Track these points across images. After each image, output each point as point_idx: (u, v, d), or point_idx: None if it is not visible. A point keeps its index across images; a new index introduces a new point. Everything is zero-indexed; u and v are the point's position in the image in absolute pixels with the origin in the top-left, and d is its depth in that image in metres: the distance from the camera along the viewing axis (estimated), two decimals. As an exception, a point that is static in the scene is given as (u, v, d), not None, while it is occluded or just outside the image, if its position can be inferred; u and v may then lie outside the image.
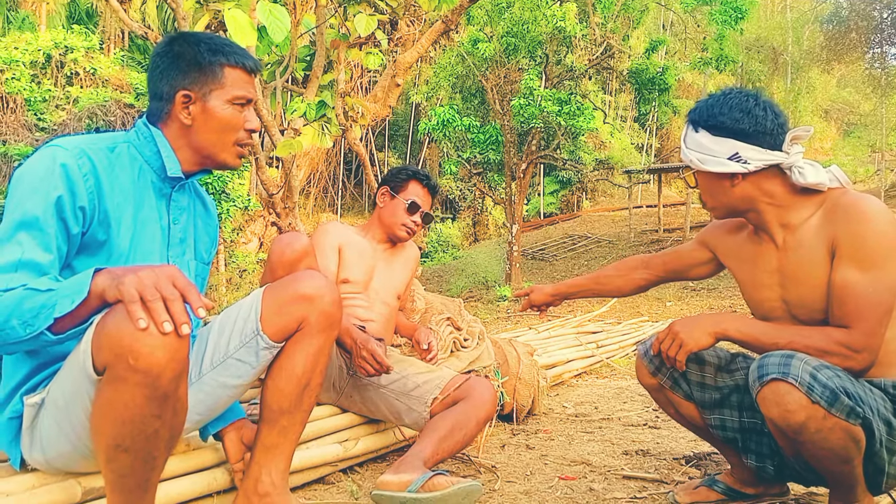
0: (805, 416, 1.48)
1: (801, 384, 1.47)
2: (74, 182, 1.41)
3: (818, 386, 1.47)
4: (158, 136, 1.59)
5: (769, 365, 1.53)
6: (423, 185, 2.61)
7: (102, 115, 12.51)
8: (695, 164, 1.72)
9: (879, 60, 17.22)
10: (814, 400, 1.47)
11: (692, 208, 17.09)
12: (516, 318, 9.47)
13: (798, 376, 1.48)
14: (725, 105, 1.69)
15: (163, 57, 1.58)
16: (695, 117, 1.73)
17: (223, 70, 1.58)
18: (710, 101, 1.74)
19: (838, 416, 1.48)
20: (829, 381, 1.48)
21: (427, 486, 1.84)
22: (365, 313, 2.48)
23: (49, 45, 12.85)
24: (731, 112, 1.67)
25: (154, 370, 1.17)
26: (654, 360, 1.90)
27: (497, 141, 13.38)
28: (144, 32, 3.53)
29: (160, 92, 1.59)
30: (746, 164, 1.66)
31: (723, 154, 1.67)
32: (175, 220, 1.64)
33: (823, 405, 1.47)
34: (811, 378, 1.48)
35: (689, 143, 1.73)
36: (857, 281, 1.57)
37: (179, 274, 1.19)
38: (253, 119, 1.63)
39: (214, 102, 1.57)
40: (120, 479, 1.29)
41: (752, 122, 1.66)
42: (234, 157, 1.64)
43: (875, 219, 1.57)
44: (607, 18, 13.22)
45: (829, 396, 1.47)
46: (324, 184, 22.97)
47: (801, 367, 1.49)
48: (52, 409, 1.38)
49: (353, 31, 3.34)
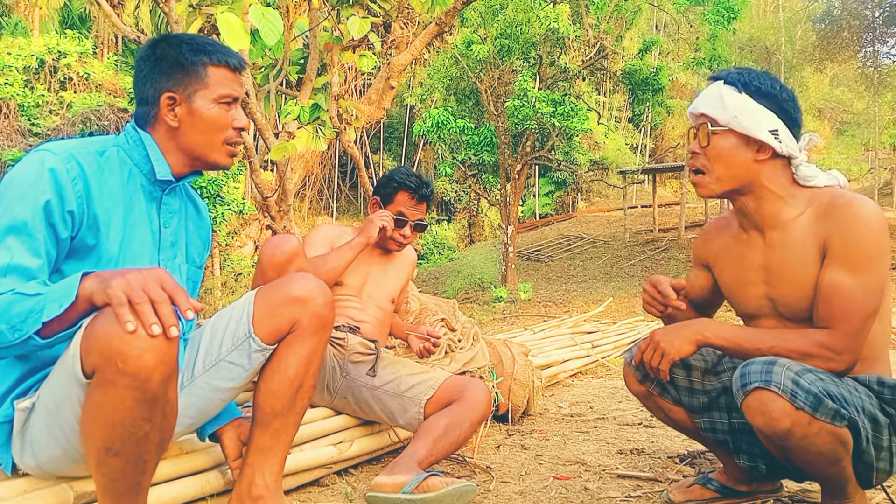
0: (790, 423, 1.47)
1: (783, 391, 1.46)
2: (63, 186, 1.40)
3: (801, 392, 1.47)
4: (147, 139, 1.58)
5: (751, 373, 1.52)
6: (411, 195, 2.54)
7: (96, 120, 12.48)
8: (735, 122, 1.63)
9: (872, 59, 17.29)
10: (798, 406, 1.46)
11: (687, 208, 17.13)
12: (512, 318, 9.48)
13: (780, 383, 1.47)
14: (777, 82, 1.66)
15: (146, 60, 1.58)
16: (744, 80, 1.66)
17: (206, 69, 1.57)
18: (756, 71, 1.69)
19: (823, 420, 1.48)
20: (811, 386, 1.48)
21: (421, 487, 1.84)
22: (358, 315, 2.48)
23: (42, 50, 12.83)
24: (783, 91, 1.65)
25: (143, 373, 1.17)
26: (640, 367, 1.87)
27: (492, 142, 13.40)
28: (138, 37, 3.53)
29: (145, 96, 1.58)
30: (781, 145, 1.63)
31: (765, 124, 1.63)
32: (166, 224, 1.64)
33: (808, 411, 1.47)
34: (794, 384, 1.47)
35: (731, 101, 1.64)
36: (844, 282, 1.56)
37: (167, 276, 1.18)
38: (241, 117, 1.62)
39: (200, 103, 1.57)
40: (111, 483, 1.29)
41: (795, 108, 1.65)
42: (225, 156, 1.63)
43: (868, 222, 1.56)
44: (600, 19, 13.26)
45: (812, 402, 1.47)
46: (319, 187, 22.97)
47: (784, 374, 1.48)
48: (43, 413, 1.38)
49: (346, 33, 3.35)
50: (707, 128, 1.67)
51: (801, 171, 1.67)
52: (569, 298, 12.27)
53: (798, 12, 21.09)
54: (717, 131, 1.66)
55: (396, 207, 2.54)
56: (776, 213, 1.69)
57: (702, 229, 1.95)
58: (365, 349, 2.35)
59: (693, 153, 1.72)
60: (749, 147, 1.65)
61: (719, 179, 1.69)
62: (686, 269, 14.06)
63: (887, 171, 21.49)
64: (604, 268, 16.02)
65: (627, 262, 15.95)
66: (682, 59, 16.15)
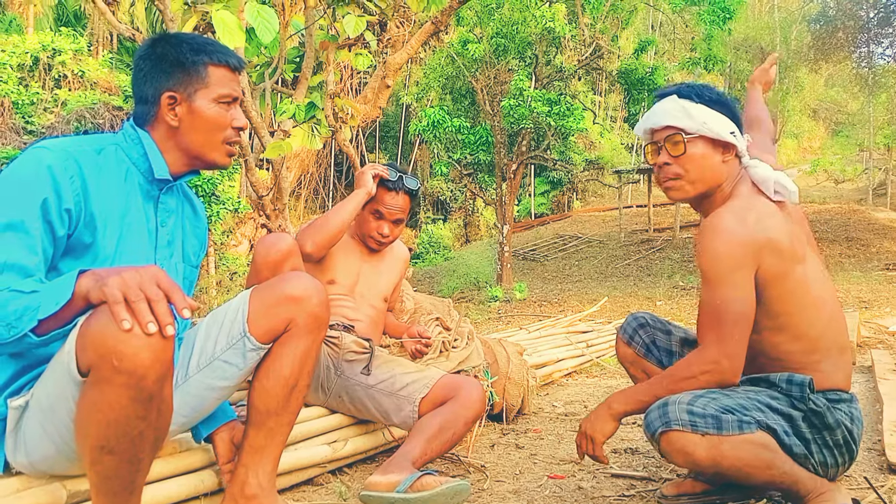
0: (705, 450, 1.55)
1: (684, 425, 1.55)
2: (60, 184, 1.40)
3: (698, 418, 1.55)
4: (145, 137, 1.58)
5: (651, 421, 1.61)
6: (389, 189, 2.50)
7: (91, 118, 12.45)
8: (706, 128, 1.76)
9: (867, 59, 17.33)
10: (703, 433, 1.54)
11: (682, 208, 17.16)
12: (507, 318, 9.48)
13: (678, 419, 1.56)
14: (716, 90, 1.83)
15: (146, 59, 1.58)
16: (696, 91, 1.81)
17: (207, 69, 1.57)
18: (699, 83, 1.87)
19: (732, 434, 1.55)
20: (706, 409, 1.56)
21: (416, 486, 1.84)
22: (352, 314, 2.48)
23: (37, 48, 12.78)
24: (725, 97, 1.82)
25: (139, 371, 1.17)
26: (626, 329, 2.07)
27: (487, 142, 13.41)
28: (133, 34, 3.51)
29: (145, 95, 1.58)
30: (739, 143, 1.80)
31: (724, 128, 1.77)
32: (163, 223, 1.64)
33: (713, 432, 1.54)
34: (689, 415, 1.55)
35: (695, 112, 1.77)
36: (703, 297, 1.68)
37: (163, 275, 1.18)
38: (240, 117, 1.63)
39: (200, 102, 1.57)
40: (105, 482, 1.29)
41: (738, 111, 1.82)
42: (224, 155, 1.64)
43: (714, 236, 1.66)
44: (596, 19, 13.27)
45: (713, 422, 1.54)
46: (314, 185, 22.93)
47: (677, 410, 1.56)
48: (37, 411, 1.37)
49: (342, 32, 3.34)
50: (681, 136, 1.78)
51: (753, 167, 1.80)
52: (564, 298, 12.28)
53: (793, 13, 21.12)
54: (689, 139, 1.78)
55: (374, 205, 2.50)
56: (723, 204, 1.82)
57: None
58: (359, 348, 2.35)
59: (663, 165, 1.81)
60: (716, 150, 1.78)
61: (694, 182, 1.80)
62: (681, 268, 14.09)
63: (881, 171, 21.55)
64: (599, 267, 16.04)
65: (623, 262, 15.98)
66: (678, 59, 16.18)
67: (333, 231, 2.35)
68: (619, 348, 2.11)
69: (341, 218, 2.39)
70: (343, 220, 2.39)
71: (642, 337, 2.05)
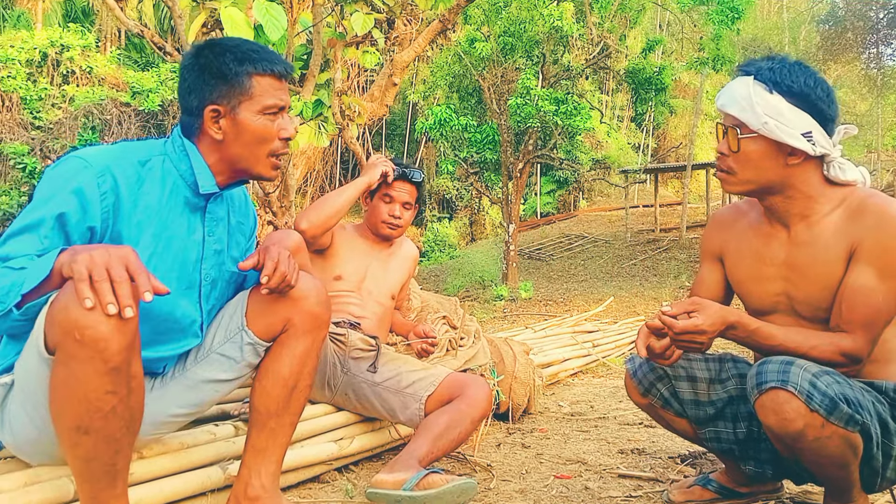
0: (803, 425, 1.45)
1: (800, 392, 1.44)
2: (89, 202, 1.39)
3: (817, 394, 1.44)
4: (192, 150, 1.55)
5: (768, 372, 1.49)
6: (396, 178, 2.53)
7: (98, 114, 12.49)
8: (766, 129, 1.55)
9: (875, 61, 17.26)
10: (812, 408, 1.44)
11: (688, 208, 17.12)
12: (513, 317, 9.48)
13: (797, 384, 1.44)
14: (811, 77, 1.57)
15: (189, 70, 1.54)
16: (775, 78, 1.56)
17: (251, 79, 1.52)
18: (789, 65, 1.59)
19: (837, 424, 1.46)
20: (828, 389, 1.45)
21: (422, 484, 1.84)
22: (358, 311, 2.48)
23: (45, 44, 12.83)
24: (817, 87, 1.56)
25: (100, 344, 1.17)
26: (643, 380, 1.84)
27: (494, 140, 13.38)
28: (140, 31, 3.52)
29: (190, 106, 1.54)
30: (814, 147, 1.56)
31: (797, 128, 1.55)
32: (210, 233, 1.61)
33: (822, 413, 1.44)
34: (811, 386, 1.45)
35: (762, 104, 1.55)
36: (873, 288, 1.54)
37: (133, 256, 1.19)
38: (287, 126, 1.57)
39: (244, 115, 1.52)
40: (86, 466, 1.29)
41: (830, 104, 1.58)
42: (269, 168, 1.59)
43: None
44: (604, 18, 13.23)
45: (828, 405, 1.44)
46: (320, 183, 22.95)
47: (801, 375, 1.46)
48: (19, 391, 1.38)
49: (349, 29, 3.34)
50: (736, 133, 1.60)
51: (833, 170, 1.62)
52: (570, 297, 12.26)
53: (802, 13, 21.05)
54: (746, 137, 1.59)
55: (383, 191, 2.53)
56: (805, 210, 1.64)
57: (712, 218, 1.85)
58: (366, 345, 2.34)
59: (721, 154, 1.66)
60: (780, 152, 1.58)
61: (747, 182, 1.64)
62: (687, 269, 14.04)
63: (889, 173, 21.45)
64: (605, 267, 15.99)
65: (629, 262, 15.93)
66: (686, 58, 16.10)
67: (329, 212, 2.35)
68: (632, 394, 1.90)
69: (340, 200, 2.40)
70: (341, 202, 2.40)
71: (661, 391, 1.83)
